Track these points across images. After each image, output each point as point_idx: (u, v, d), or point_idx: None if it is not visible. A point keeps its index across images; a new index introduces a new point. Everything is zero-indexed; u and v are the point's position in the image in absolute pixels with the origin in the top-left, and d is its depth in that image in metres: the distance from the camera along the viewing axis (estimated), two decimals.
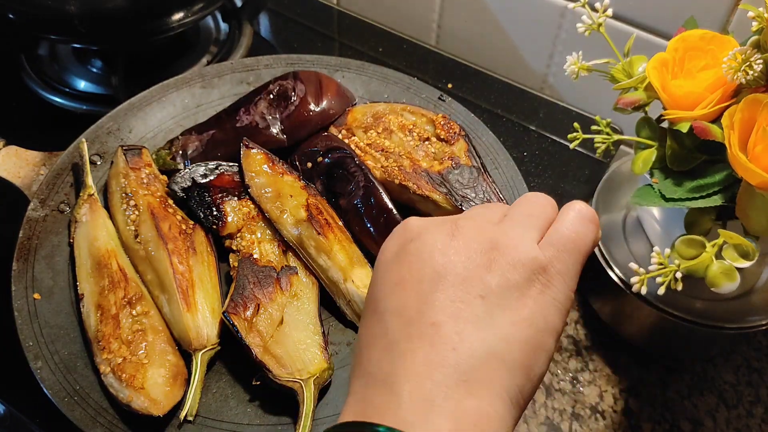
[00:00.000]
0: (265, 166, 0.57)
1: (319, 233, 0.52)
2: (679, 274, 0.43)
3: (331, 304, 0.53)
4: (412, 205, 0.57)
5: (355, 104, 0.65)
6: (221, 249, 0.55)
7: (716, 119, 0.45)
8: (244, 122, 0.61)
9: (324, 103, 0.62)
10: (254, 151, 0.58)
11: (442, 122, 0.60)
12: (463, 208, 0.54)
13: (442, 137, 0.60)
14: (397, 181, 0.56)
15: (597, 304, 0.65)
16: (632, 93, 0.50)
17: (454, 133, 0.60)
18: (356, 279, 0.51)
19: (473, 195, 0.56)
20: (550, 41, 0.74)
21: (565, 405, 0.61)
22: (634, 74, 0.51)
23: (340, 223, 0.56)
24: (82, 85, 0.74)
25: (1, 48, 0.78)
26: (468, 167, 0.57)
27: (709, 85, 0.45)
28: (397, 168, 0.57)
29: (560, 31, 0.73)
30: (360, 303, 0.51)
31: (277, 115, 0.61)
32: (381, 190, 0.55)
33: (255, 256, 0.53)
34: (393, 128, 0.61)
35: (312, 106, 0.61)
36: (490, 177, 0.57)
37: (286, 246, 0.54)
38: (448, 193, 0.55)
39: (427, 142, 0.60)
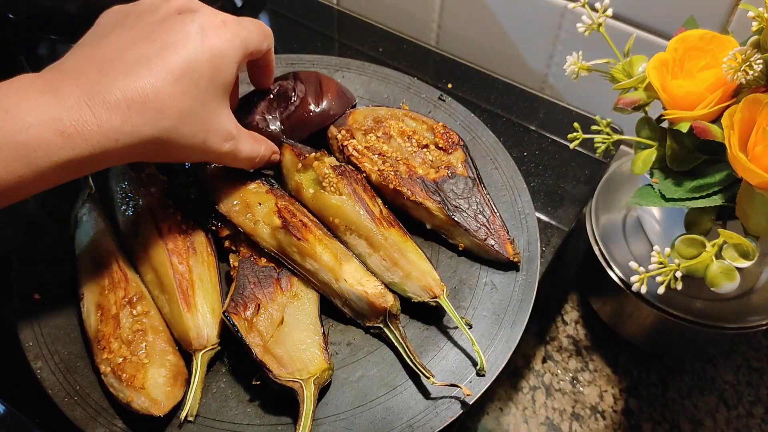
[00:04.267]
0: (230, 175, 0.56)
1: (299, 238, 0.51)
2: (678, 274, 0.43)
3: (328, 303, 0.53)
4: (405, 210, 0.57)
5: (356, 105, 0.65)
6: (221, 249, 0.55)
7: (716, 119, 0.45)
8: (243, 122, 0.61)
9: (324, 104, 0.62)
10: (211, 166, 0.57)
11: (441, 131, 0.60)
12: (456, 218, 0.54)
13: (440, 146, 0.60)
14: (391, 186, 0.56)
15: (597, 304, 0.65)
16: (632, 93, 0.50)
17: (453, 142, 0.60)
18: (348, 277, 0.50)
19: (466, 206, 0.56)
20: (550, 41, 0.74)
21: (565, 405, 0.61)
22: (634, 74, 0.51)
23: (315, 218, 0.55)
24: None
25: (1, 48, 0.78)
26: (464, 177, 0.57)
27: (709, 85, 0.45)
28: (392, 172, 0.57)
29: (560, 31, 0.73)
30: (357, 300, 0.50)
31: (277, 115, 0.61)
32: None
33: (255, 256, 0.53)
34: (393, 133, 0.60)
35: (312, 107, 0.61)
36: (485, 189, 0.57)
37: (268, 256, 0.53)
38: (441, 201, 0.55)
39: (425, 150, 0.60)
